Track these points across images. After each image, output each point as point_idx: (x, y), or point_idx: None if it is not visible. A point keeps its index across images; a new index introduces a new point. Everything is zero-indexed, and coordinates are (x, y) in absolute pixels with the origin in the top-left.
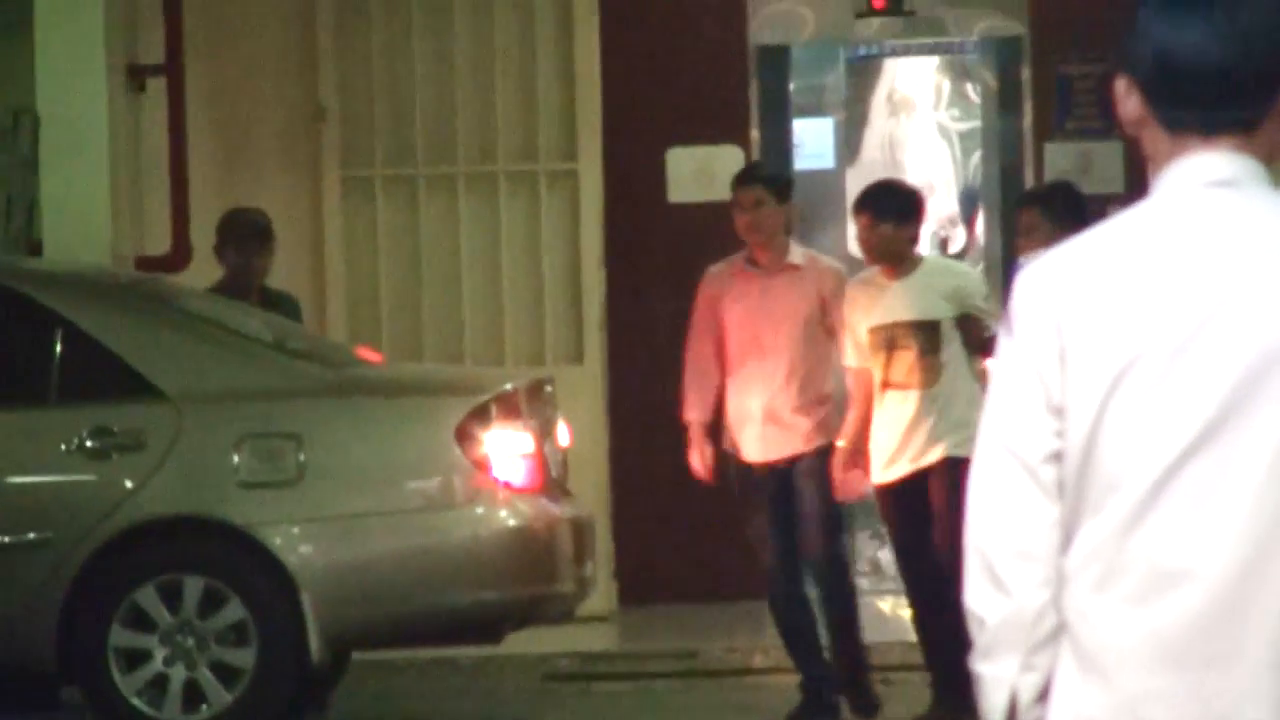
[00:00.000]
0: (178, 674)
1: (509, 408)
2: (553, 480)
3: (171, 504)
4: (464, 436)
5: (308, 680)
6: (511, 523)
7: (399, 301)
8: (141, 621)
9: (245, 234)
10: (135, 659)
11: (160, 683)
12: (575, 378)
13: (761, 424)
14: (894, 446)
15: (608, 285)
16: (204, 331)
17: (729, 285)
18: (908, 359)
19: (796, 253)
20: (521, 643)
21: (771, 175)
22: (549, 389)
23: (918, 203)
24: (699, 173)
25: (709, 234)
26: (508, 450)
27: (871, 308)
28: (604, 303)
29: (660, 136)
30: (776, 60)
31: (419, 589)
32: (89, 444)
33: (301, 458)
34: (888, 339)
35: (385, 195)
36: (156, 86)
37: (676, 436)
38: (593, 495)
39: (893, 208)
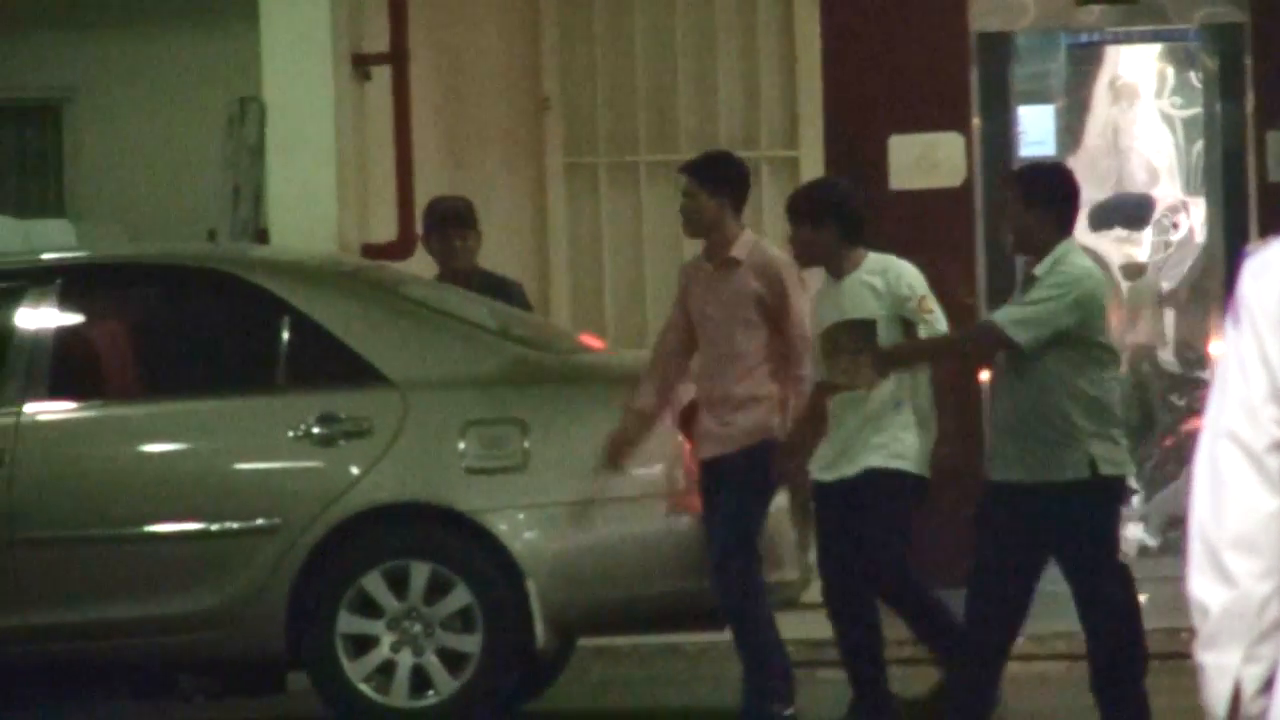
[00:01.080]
0: (405, 660)
1: None
2: None
3: (398, 490)
4: (687, 423)
5: (533, 666)
6: None
7: (622, 288)
8: (369, 607)
9: (443, 220)
10: (362, 645)
11: (387, 669)
12: None
13: (701, 420)
14: (833, 450)
15: None
16: (429, 318)
17: (690, 277)
18: (845, 360)
19: (742, 245)
20: None
21: (701, 165)
22: None
23: (837, 202)
24: (920, 160)
25: (931, 220)
26: None
27: (824, 312)
28: None
29: (882, 123)
30: (998, 47)
31: (643, 575)
32: (316, 430)
33: (526, 444)
34: (833, 341)
35: (608, 182)
36: (381, 75)
37: None
38: None
39: (805, 210)
